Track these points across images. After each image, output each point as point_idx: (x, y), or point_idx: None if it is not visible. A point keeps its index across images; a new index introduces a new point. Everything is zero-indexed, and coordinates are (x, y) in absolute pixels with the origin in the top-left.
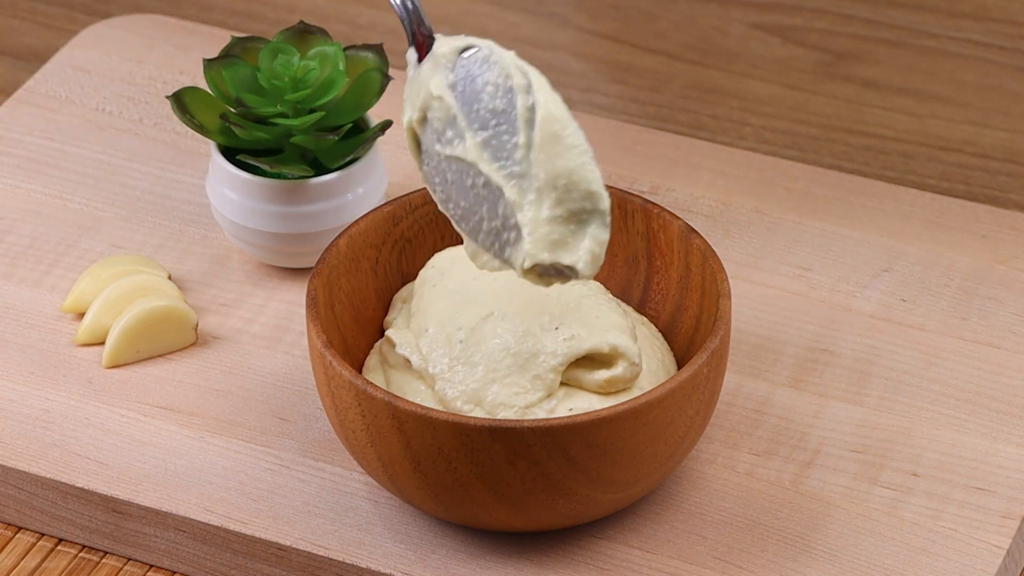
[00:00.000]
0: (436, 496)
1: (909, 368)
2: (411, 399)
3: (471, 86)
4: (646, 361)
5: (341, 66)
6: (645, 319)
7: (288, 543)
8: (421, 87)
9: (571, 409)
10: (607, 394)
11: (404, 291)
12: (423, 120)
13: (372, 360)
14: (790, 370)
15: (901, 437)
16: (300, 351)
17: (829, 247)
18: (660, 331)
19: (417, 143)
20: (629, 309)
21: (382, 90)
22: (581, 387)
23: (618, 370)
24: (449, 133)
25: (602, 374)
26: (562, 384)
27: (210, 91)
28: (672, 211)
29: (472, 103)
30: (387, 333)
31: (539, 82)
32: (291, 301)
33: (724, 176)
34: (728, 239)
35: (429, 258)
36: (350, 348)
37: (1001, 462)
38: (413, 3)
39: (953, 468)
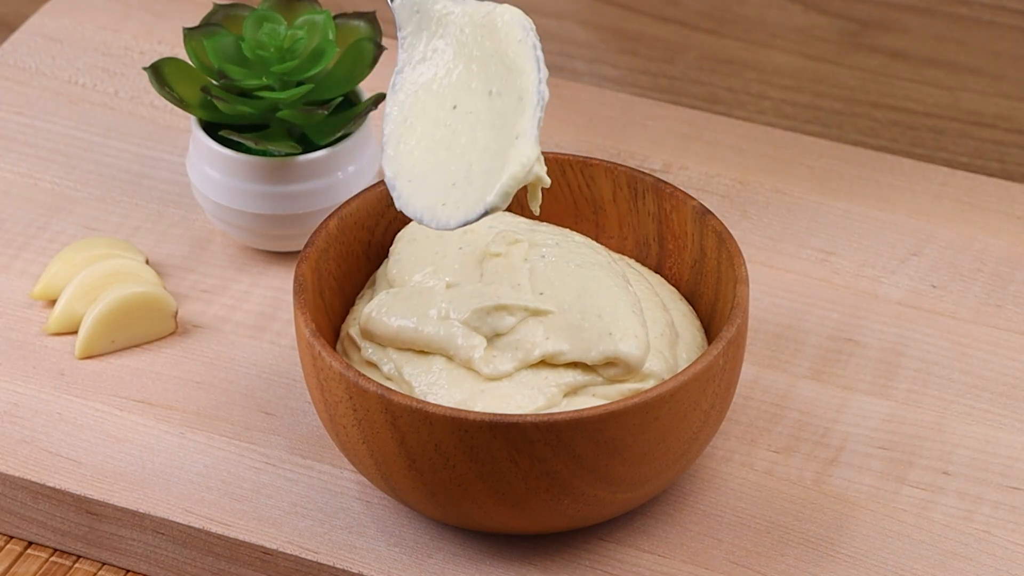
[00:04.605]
0: (433, 496)
1: (939, 359)
2: None
3: None
4: (685, 348)
5: (331, 35)
6: (681, 295)
7: (274, 546)
8: None
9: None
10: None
11: (378, 273)
12: None
13: (337, 347)
14: (812, 361)
15: (931, 433)
16: (287, 341)
17: (854, 229)
18: None
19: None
20: (663, 282)
21: (375, 61)
22: (594, 396)
23: (647, 383)
24: None
25: (625, 387)
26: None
27: (191, 62)
28: (685, 191)
29: None
30: (350, 332)
31: None
32: (277, 287)
33: (741, 153)
34: (745, 220)
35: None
36: None
37: None
38: None
39: (987, 466)
